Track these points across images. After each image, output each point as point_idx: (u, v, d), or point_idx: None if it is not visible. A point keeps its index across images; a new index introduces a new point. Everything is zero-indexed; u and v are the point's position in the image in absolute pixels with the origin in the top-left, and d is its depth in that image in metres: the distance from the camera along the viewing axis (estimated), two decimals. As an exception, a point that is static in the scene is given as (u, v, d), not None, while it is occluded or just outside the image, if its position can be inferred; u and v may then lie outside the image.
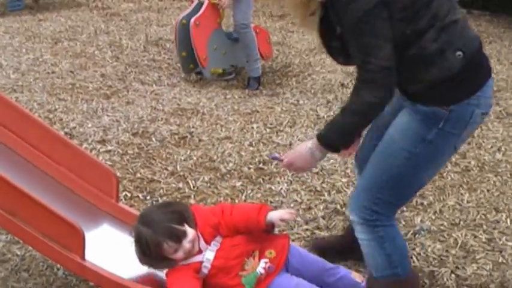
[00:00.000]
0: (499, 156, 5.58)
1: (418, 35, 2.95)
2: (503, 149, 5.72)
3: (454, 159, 5.41)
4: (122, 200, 4.52)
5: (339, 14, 2.95)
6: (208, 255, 3.19)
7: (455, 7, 3.11)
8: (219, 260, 3.18)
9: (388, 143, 3.21)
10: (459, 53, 2.96)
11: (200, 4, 7.20)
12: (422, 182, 3.30)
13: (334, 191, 4.85)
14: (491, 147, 5.74)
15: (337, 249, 3.93)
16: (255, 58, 7.19)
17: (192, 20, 7.02)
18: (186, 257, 3.16)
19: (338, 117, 3.09)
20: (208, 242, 3.21)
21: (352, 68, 7.70)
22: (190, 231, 3.16)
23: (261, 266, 3.19)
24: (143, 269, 3.45)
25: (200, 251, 3.19)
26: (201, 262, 3.18)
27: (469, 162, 5.42)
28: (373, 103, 2.95)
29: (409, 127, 3.12)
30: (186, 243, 3.13)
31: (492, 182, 5.11)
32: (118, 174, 4.84)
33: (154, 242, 3.12)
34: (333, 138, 3.10)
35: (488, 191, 4.96)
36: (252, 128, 6.02)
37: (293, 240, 4.17)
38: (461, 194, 4.90)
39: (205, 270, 3.18)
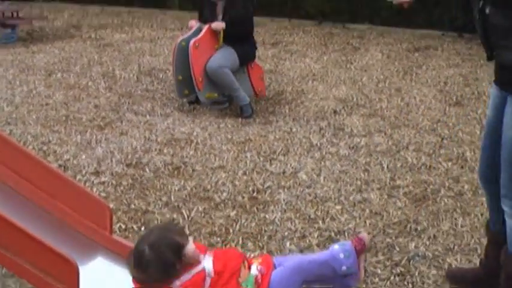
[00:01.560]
0: (492, 180, 5.58)
1: None
2: (496, 172, 5.72)
3: (447, 184, 5.43)
4: (116, 231, 4.52)
5: None
6: (207, 263, 3.21)
7: None
8: (218, 264, 3.20)
9: (509, 143, 3.35)
10: None
11: (200, 29, 7.27)
12: None
13: (328, 219, 4.85)
14: (484, 171, 5.74)
15: (471, 281, 3.98)
16: (235, 88, 7.23)
17: (192, 41, 7.07)
18: (187, 266, 3.16)
19: None
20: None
21: (344, 95, 7.82)
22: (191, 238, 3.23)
23: (254, 269, 3.26)
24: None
25: (198, 262, 3.20)
26: (204, 270, 3.18)
27: (463, 187, 5.43)
28: None
29: None
30: (192, 245, 3.17)
31: (486, 206, 5.10)
32: (112, 205, 4.86)
33: (175, 243, 3.14)
34: None
35: (482, 214, 4.96)
36: (246, 156, 6.04)
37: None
38: (455, 218, 4.90)
39: (208, 279, 3.18)
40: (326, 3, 12.37)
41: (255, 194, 5.27)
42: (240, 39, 7.34)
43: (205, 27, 7.20)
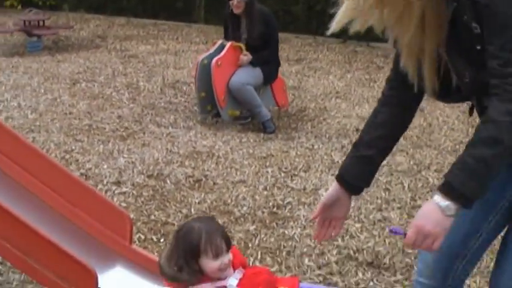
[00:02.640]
0: None
1: None
2: None
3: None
4: (135, 242, 4.53)
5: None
6: (232, 281, 3.18)
7: None
8: (243, 286, 3.17)
9: None
10: None
11: (222, 46, 7.32)
12: None
13: (348, 237, 4.84)
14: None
15: None
16: (257, 104, 7.24)
17: (214, 60, 7.12)
18: (215, 276, 3.11)
19: (466, 157, 2.28)
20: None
21: (367, 113, 7.79)
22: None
23: None
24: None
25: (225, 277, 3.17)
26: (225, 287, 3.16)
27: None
28: None
29: None
30: (227, 257, 3.10)
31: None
32: (132, 216, 4.87)
33: (210, 233, 3.06)
34: (468, 183, 2.25)
35: (502, 238, 4.93)
36: (267, 172, 6.04)
37: (306, 285, 4.18)
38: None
39: None
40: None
41: (275, 210, 5.27)
42: (265, 60, 7.38)
43: (228, 45, 7.24)
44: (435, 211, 2.29)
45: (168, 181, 5.75)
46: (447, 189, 2.27)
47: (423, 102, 7.55)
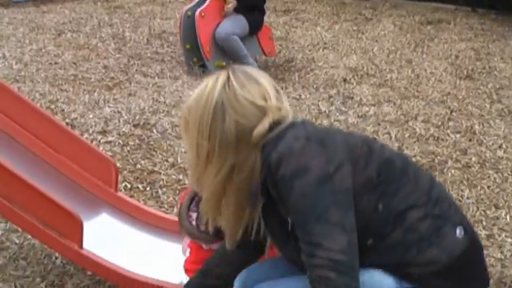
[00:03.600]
0: (500, 153, 5.57)
1: (397, 214, 2.37)
2: (504, 146, 5.70)
3: (455, 156, 5.41)
4: (121, 190, 4.51)
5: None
6: None
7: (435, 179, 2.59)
8: None
9: None
10: (459, 228, 2.43)
11: None
12: None
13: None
14: (493, 144, 5.72)
15: None
16: (243, 55, 7.18)
17: (198, 11, 7.04)
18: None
19: None
20: None
21: (354, 64, 7.78)
22: None
23: None
24: (141, 258, 3.46)
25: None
26: None
27: (470, 159, 5.41)
28: None
29: None
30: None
31: (492, 179, 5.10)
32: (118, 165, 4.86)
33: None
34: None
35: (488, 187, 4.96)
36: (253, 120, 6.00)
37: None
38: (462, 190, 4.90)
39: None
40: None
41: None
42: (251, 7, 7.30)
43: None
44: None
45: (155, 130, 5.72)
46: None
47: (411, 53, 7.50)
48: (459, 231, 2.40)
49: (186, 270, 3.10)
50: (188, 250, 3.17)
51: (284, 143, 2.29)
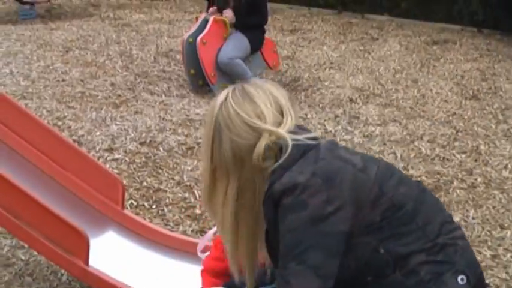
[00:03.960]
0: (505, 173, 5.57)
1: (399, 258, 2.31)
2: (510, 166, 5.71)
3: (460, 176, 5.42)
4: (127, 208, 4.53)
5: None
6: None
7: (449, 221, 2.47)
8: None
9: None
10: (462, 276, 2.33)
11: (205, 21, 7.25)
12: None
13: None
14: (498, 164, 5.73)
15: None
16: (248, 77, 7.14)
17: (199, 38, 7.06)
18: None
19: None
20: None
21: (360, 84, 7.80)
22: None
23: None
24: (147, 276, 3.47)
25: None
26: None
27: (476, 179, 5.42)
28: None
29: None
30: None
31: (498, 199, 5.11)
32: (125, 182, 4.87)
33: None
34: None
35: (493, 207, 4.96)
36: (259, 139, 6.02)
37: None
38: (467, 210, 4.90)
39: None
40: (346, -7, 12.34)
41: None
42: (252, 26, 7.34)
43: (211, 20, 7.19)
44: None
45: (161, 148, 5.74)
46: None
47: (417, 73, 7.52)
48: (460, 279, 2.33)
49: (205, 270, 3.11)
50: (205, 254, 3.17)
51: (289, 175, 2.25)
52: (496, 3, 10.74)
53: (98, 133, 6.00)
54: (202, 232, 4.40)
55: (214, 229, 3.14)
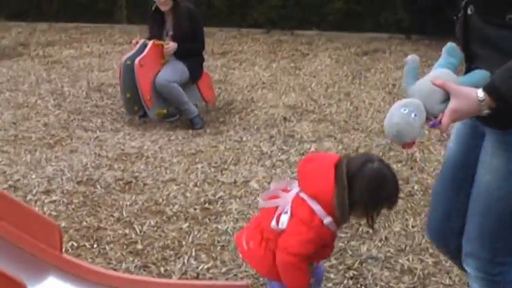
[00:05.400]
0: (441, 179, 5.64)
1: None
2: (445, 171, 5.78)
3: (397, 186, 5.47)
4: (68, 250, 4.51)
5: None
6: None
7: None
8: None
9: (487, 194, 2.80)
10: None
11: (144, 45, 7.26)
12: None
13: (280, 226, 4.87)
14: (434, 170, 5.81)
15: None
16: (184, 102, 7.24)
17: (137, 60, 7.06)
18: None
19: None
20: None
21: (293, 101, 7.85)
22: None
23: None
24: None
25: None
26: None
27: (413, 187, 5.50)
28: None
29: (507, 171, 2.71)
30: None
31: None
32: (64, 224, 4.85)
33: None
34: (506, 82, 2.45)
35: (432, 214, 5.02)
36: (197, 168, 6.03)
37: (241, 278, 4.20)
38: (406, 219, 4.96)
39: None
40: (274, 11, 12.40)
41: (206, 205, 5.27)
42: (191, 54, 7.36)
43: (150, 44, 7.20)
44: (471, 96, 2.48)
45: (98, 186, 5.70)
46: (488, 85, 2.47)
47: (349, 86, 7.61)
48: None
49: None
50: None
51: None
52: (421, 8, 10.90)
53: (33, 176, 5.94)
54: (145, 267, 4.39)
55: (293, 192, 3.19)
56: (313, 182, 3.08)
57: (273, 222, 3.15)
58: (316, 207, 3.04)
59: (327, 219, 3.03)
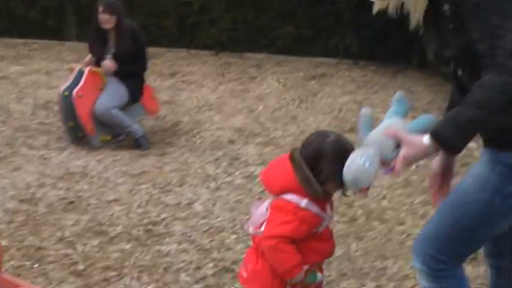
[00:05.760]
0: (384, 203, 5.71)
1: None
2: (388, 196, 5.85)
3: (341, 210, 5.51)
4: (8, 269, 4.45)
5: None
6: (327, 219, 3.27)
7: None
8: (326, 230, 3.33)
9: (461, 193, 2.97)
10: None
11: (81, 73, 7.18)
12: (494, 233, 3.02)
13: (224, 249, 4.88)
14: (377, 195, 5.86)
15: None
16: (127, 125, 7.21)
17: (75, 92, 6.99)
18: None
19: (456, 114, 2.66)
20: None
21: (240, 124, 7.86)
22: None
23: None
24: None
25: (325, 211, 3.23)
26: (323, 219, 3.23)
27: (356, 212, 5.53)
28: (503, 91, 2.54)
29: (487, 179, 2.86)
30: None
31: (379, 230, 5.23)
32: (4, 243, 4.80)
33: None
34: (452, 137, 2.64)
35: (374, 238, 5.07)
36: (141, 189, 6.02)
37: (182, 301, 4.20)
38: (349, 243, 4.99)
39: (320, 229, 3.24)
40: (223, 33, 12.42)
41: (150, 227, 5.26)
42: (133, 74, 7.34)
43: (86, 72, 7.15)
44: (420, 144, 2.69)
45: (41, 205, 5.66)
46: (432, 131, 2.67)
47: (296, 109, 7.66)
48: None
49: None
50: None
51: None
52: (370, 35, 11.01)
53: (-24, 194, 5.88)
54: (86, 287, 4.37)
55: (266, 203, 3.29)
56: (277, 180, 3.19)
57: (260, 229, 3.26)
58: (290, 196, 3.13)
59: (304, 201, 3.10)
